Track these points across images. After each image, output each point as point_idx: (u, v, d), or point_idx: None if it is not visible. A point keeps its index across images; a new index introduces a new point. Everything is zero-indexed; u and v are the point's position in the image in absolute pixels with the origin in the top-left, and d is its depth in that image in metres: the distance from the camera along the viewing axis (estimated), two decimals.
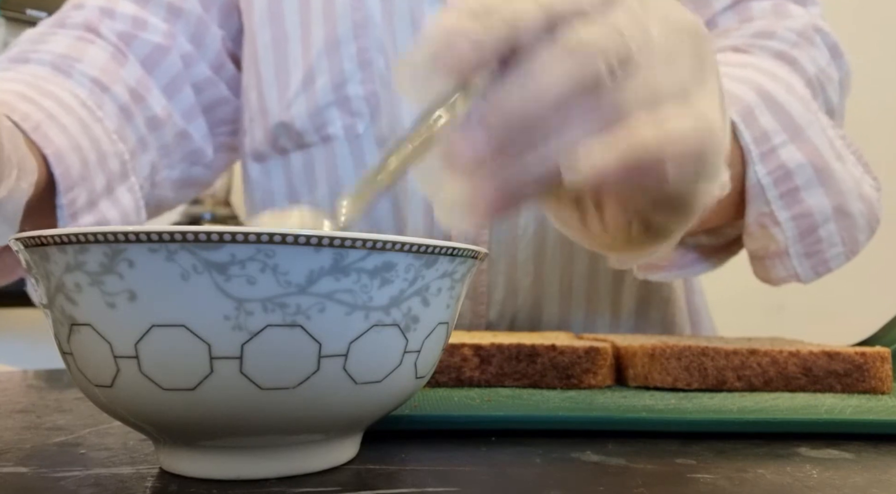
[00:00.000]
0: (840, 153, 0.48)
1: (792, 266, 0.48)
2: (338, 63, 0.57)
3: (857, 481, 0.24)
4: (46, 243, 0.21)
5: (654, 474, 0.25)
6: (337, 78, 0.57)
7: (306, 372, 0.21)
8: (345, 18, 0.56)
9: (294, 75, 0.58)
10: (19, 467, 0.25)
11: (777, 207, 0.46)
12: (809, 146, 0.46)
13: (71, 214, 0.46)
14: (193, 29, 0.61)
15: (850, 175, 0.47)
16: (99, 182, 0.49)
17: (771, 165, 0.45)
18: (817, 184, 0.46)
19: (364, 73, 0.56)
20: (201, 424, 0.22)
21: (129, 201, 0.53)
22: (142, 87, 0.57)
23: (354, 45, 0.56)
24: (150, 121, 0.57)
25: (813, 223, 0.46)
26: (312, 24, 0.58)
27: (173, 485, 0.23)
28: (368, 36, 0.56)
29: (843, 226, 0.47)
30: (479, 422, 0.30)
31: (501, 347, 0.38)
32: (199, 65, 0.62)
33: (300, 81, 0.58)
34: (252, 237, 0.19)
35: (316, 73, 0.57)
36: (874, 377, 0.38)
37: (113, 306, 0.20)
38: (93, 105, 0.52)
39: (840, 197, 0.46)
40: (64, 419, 0.33)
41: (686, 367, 0.37)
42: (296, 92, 0.58)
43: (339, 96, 0.57)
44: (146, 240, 0.19)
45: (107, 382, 0.22)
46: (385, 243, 0.21)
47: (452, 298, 0.25)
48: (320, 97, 0.57)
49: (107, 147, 0.50)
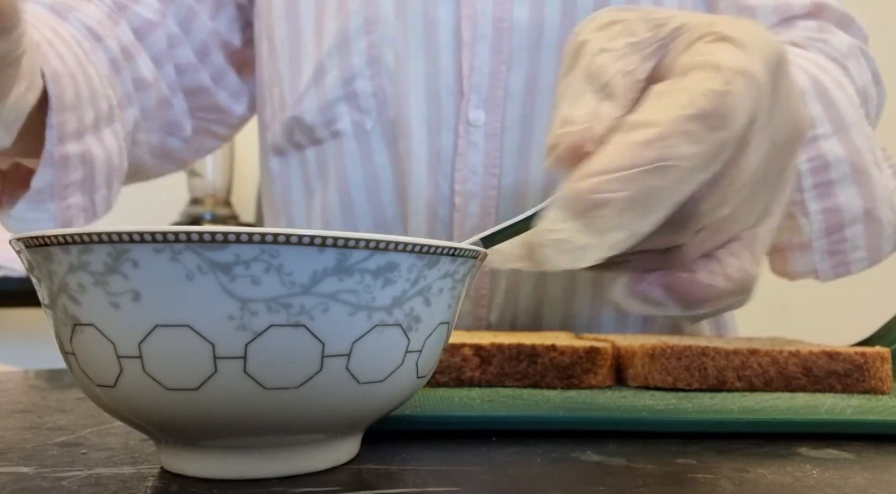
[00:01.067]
0: (878, 162, 0.48)
1: (812, 261, 0.47)
2: (347, 58, 0.57)
3: (857, 481, 0.24)
4: (49, 244, 0.21)
5: (655, 474, 0.25)
6: (346, 73, 0.57)
7: (309, 372, 0.21)
8: (357, 14, 0.56)
9: (306, 70, 0.59)
10: (20, 467, 0.25)
11: (809, 196, 0.45)
12: (851, 145, 0.45)
13: (59, 137, 0.46)
14: (183, 14, 0.62)
15: (884, 184, 0.47)
16: (88, 116, 0.49)
17: (811, 153, 0.45)
18: (852, 182, 0.45)
19: (372, 69, 0.56)
20: (204, 424, 0.22)
21: (114, 144, 0.53)
22: (133, 48, 0.58)
23: (365, 41, 0.56)
24: (137, 81, 0.58)
25: (841, 221, 0.46)
26: (326, 19, 0.58)
27: (174, 485, 0.23)
28: (379, 31, 0.56)
29: (871, 231, 0.47)
30: (479, 422, 0.30)
31: (502, 347, 0.38)
32: (183, 47, 0.62)
33: (311, 76, 0.58)
34: (256, 238, 0.19)
35: (326, 67, 0.57)
36: (874, 377, 0.38)
37: (117, 306, 0.20)
38: (88, 48, 0.52)
39: (872, 201, 0.46)
40: (65, 419, 0.33)
41: (686, 367, 0.37)
42: (307, 86, 0.58)
43: (348, 92, 0.57)
44: (151, 240, 0.19)
45: (110, 382, 0.22)
46: (388, 244, 0.21)
47: (454, 298, 0.25)
48: (329, 92, 0.57)
49: (98, 86, 0.50)
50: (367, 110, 0.56)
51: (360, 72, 0.56)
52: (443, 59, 0.54)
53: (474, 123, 0.54)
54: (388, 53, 0.55)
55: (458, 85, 0.55)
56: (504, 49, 0.54)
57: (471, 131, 0.54)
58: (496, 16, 0.54)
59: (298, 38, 0.59)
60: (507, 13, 0.54)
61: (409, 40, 0.55)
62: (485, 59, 0.54)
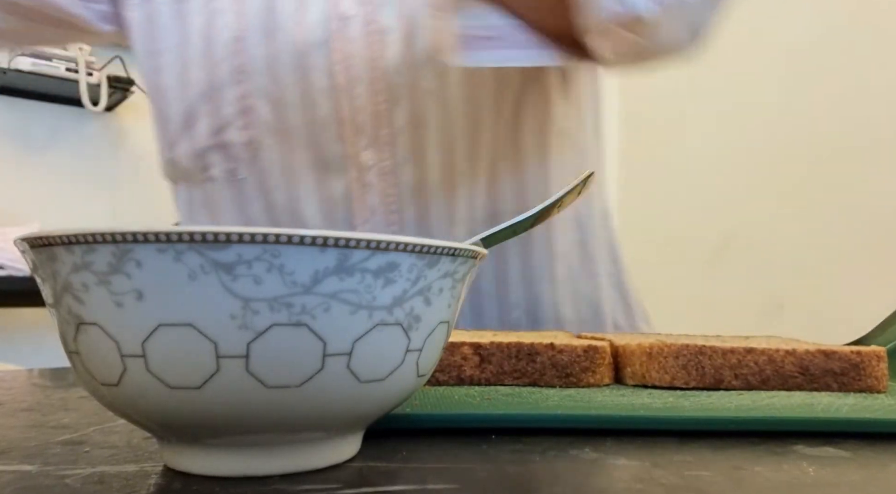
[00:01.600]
0: None
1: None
2: (217, 108, 0.55)
3: (853, 479, 0.25)
4: (53, 244, 0.21)
5: (653, 471, 0.25)
6: (216, 123, 0.56)
7: (311, 371, 0.21)
8: (225, 63, 0.55)
9: (174, 115, 0.58)
10: (24, 465, 0.25)
11: None
12: None
13: None
14: None
15: None
16: None
17: None
18: None
19: (245, 119, 0.55)
20: (207, 422, 0.22)
21: None
22: None
23: (235, 91, 0.55)
24: None
25: None
26: (191, 64, 0.56)
27: (177, 482, 0.23)
28: (249, 81, 0.54)
29: None
30: (479, 420, 0.30)
31: (501, 346, 0.38)
32: None
33: (181, 123, 0.57)
34: (258, 238, 0.20)
35: (196, 115, 0.56)
36: (870, 375, 0.38)
37: (120, 305, 0.20)
38: None
39: None
40: (69, 418, 0.33)
41: (684, 366, 0.38)
42: (177, 132, 0.57)
43: (219, 141, 0.56)
44: (154, 240, 0.20)
45: (113, 380, 0.22)
46: (388, 244, 0.21)
47: (454, 297, 0.25)
48: (201, 140, 0.56)
49: None
50: (239, 159, 0.56)
51: (230, 122, 0.55)
52: (321, 106, 0.54)
53: (365, 164, 0.54)
54: (262, 104, 0.54)
55: (342, 129, 0.54)
56: (382, 88, 0.53)
57: (363, 173, 0.54)
58: (369, 56, 0.53)
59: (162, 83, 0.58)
60: (379, 52, 0.53)
61: (284, 89, 0.54)
62: (365, 101, 0.53)
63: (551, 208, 0.29)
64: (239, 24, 0.54)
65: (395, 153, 0.54)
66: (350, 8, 0.53)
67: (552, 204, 0.29)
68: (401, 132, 0.54)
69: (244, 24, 0.54)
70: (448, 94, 0.53)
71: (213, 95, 0.55)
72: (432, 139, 0.54)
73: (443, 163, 0.55)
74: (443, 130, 0.54)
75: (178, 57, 0.56)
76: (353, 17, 0.53)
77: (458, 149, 0.55)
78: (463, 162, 0.55)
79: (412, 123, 0.54)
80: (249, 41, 0.54)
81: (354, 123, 0.54)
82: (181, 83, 0.56)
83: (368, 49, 0.53)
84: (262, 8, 0.54)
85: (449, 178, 0.55)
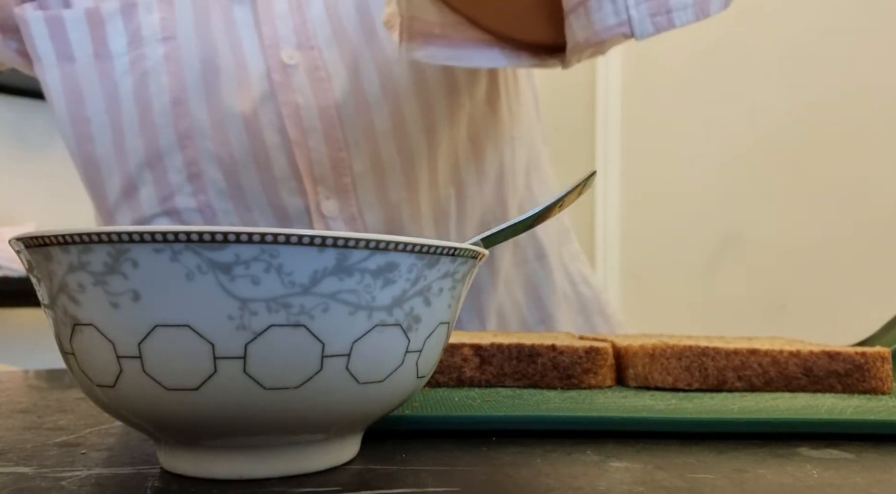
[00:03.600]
0: None
1: (624, 7, 0.40)
2: (163, 175, 0.52)
3: (857, 481, 0.24)
4: (49, 244, 0.21)
5: (655, 474, 0.25)
6: (164, 190, 0.53)
7: (309, 372, 0.21)
8: (168, 128, 0.52)
9: (112, 184, 0.54)
10: (20, 467, 0.25)
11: None
12: None
13: None
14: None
15: None
16: None
17: None
18: None
19: (194, 185, 0.52)
20: (204, 424, 0.22)
21: None
22: None
23: (180, 157, 0.52)
24: None
25: None
26: (127, 130, 0.53)
27: (174, 485, 0.23)
28: (196, 146, 0.52)
29: None
30: (479, 422, 0.30)
31: (502, 347, 0.38)
32: None
33: (119, 192, 0.54)
34: (256, 237, 0.19)
35: (138, 184, 0.53)
36: (875, 377, 0.38)
37: (116, 306, 0.20)
38: None
39: None
40: (65, 420, 0.33)
41: (686, 367, 0.37)
42: (116, 202, 0.55)
43: (167, 208, 0.53)
44: (150, 240, 0.19)
45: (109, 382, 0.22)
46: (388, 244, 0.21)
47: (454, 298, 0.25)
48: (146, 208, 0.54)
49: None
50: (191, 224, 0.53)
51: (179, 188, 0.52)
52: (276, 162, 0.52)
53: (329, 215, 0.52)
54: (212, 168, 0.52)
55: (300, 183, 0.52)
56: (338, 136, 0.51)
57: (328, 223, 0.52)
58: (320, 105, 0.51)
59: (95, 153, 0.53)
60: (329, 100, 0.51)
61: (234, 151, 0.51)
62: (321, 152, 0.51)
63: (552, 207, 0.29)
64: (176, 85, 0.51)
65: (359, 199, 0.53)
66: (291, 56, 0.51)
67: (553, 204, 0.29)
68: (362, 177, 0.52)
69: (181, 84, 0.51)
70: (405, 129, 0.52)
71: (156, 163, 0.52)
72: (395, 179, 0.53)
73: (409, 199, 0.53)
74: (404, 167, 0.53)
75: (109, 124, 0.52)
76: (295, 66, 0.51)
77: (421, 183, 0.54)
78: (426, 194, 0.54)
79: (373, 166, 0.52)
80: (191, 104, 0.51)
81: (312, 176, 0.52)
82: (118, 152, 0.53)
83: (316, 97, 0.51)
84: (199, 66, 0.51)
85: (416, 214, 0.54)
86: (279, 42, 0.51)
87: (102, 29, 0.52)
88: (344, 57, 0.52)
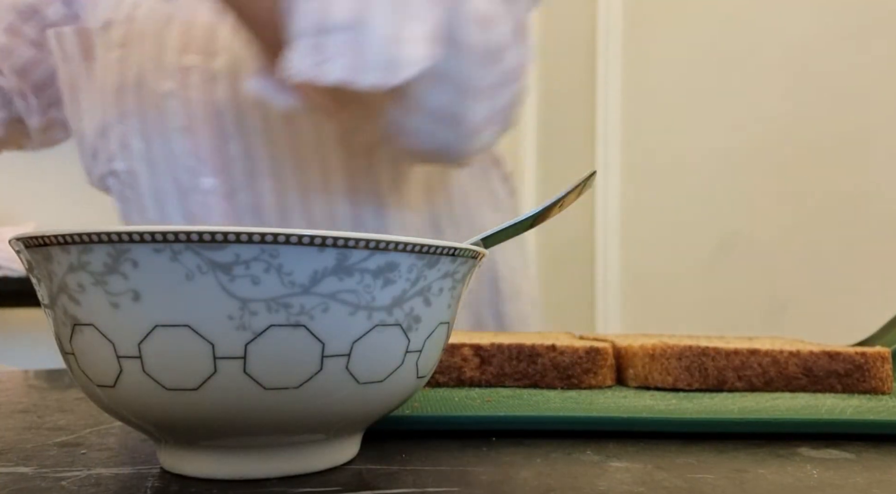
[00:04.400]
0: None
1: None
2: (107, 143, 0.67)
3: (857, 481, 0.24)
4: (49, 244, 0.21)
5: (655, 474, 0.25)
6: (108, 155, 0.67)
7: (309, 372, 0.21)
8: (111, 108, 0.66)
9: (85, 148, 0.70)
10: (20, 467, 0.25)
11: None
12: None
13: None
14: None
15: None
16: None
17: None
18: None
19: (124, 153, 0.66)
20: (204, 424, 0.22)
21: None
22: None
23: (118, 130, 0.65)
24: None
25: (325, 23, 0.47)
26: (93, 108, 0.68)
27: (174, 485, 0.23)
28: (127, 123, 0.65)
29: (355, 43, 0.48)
30: (479, 422, 0.30)
31: (502, 347, 0.38)
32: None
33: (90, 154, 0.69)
34: (256, 237, 0.19)
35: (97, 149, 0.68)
36: (875, 377, 0.38)
37: (116, 306, 0.20)
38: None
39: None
40: (65, 420, 0.33)
41: (687, 367, 0.37)
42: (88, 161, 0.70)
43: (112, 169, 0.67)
44: (150, 240, 0.19)
45: (109, 382, 0.22)
46: (388, 244, 0.21)
47: (453, 298, 0.25)
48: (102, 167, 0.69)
49: None
50: (127, 185, 0.67)
51: (115, 155, 0.67)
52: (176, 143, 0.65)
53: (209, 189, 0.65)
54: (137, 141, 0.66)
55: (192, 160, 0.65)
56: (217, 124, 0.64)
57: (207, 196, 0.65)
58: (205, 100, 0.64)
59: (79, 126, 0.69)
60: (210, 96, 0.64)
61: (150, 129, 0.66)
62: (204, 137, 0.64)
63: (552, 207, 0.29)
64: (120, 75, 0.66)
65: (232, 179, 0.65)
66: (192, 60, 0.65)
67: (553, 204, 0.29)
68: (234, 162, 0.65)
69: (125, 75, 0.66)
70: (274, 134, 0.64)
71: (105, 133, 0.68)
72: (263, 169, 0.65)
73: (275, 189, 0.65)
74: (272, 161, 0.65)
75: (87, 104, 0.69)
76: (193, 68, 0.65)
77: (287, 178, 0.65)
78: (293, 191, 0.66)
79: (245, 155, 0.65)
80: (128, 91, 0.66)
81: (198, 156, 0.65)
82: (90, 124, 0.69)
83: (205, 94, 0.65)
84: (137, 62, 0.66)
85: (281, 203, 0.66)
86: None
87: None
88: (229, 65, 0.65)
